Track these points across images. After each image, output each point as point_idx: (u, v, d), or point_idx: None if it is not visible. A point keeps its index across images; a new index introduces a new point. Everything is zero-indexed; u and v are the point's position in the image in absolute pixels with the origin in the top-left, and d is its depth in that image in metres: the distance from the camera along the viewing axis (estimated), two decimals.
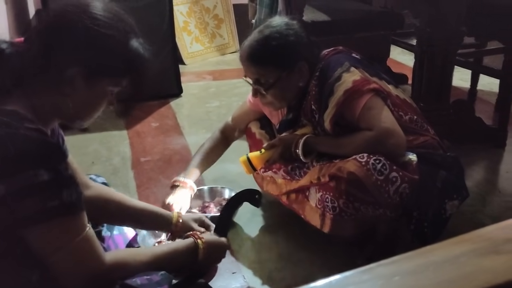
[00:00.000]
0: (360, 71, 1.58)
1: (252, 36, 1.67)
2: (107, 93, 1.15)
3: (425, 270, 0.46)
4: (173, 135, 2.69)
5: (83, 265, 1.07)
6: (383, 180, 1.41)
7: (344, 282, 0.45)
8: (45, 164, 1.00)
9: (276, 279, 1.59)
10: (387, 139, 1.48)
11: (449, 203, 1.56)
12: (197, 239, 1.35)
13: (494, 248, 0.49)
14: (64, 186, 1.03)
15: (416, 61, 2.46)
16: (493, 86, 3.00)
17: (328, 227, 1.52)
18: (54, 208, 1.01)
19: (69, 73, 1.07)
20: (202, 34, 4.17)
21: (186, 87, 3.33)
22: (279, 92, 1.66)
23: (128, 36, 1.13)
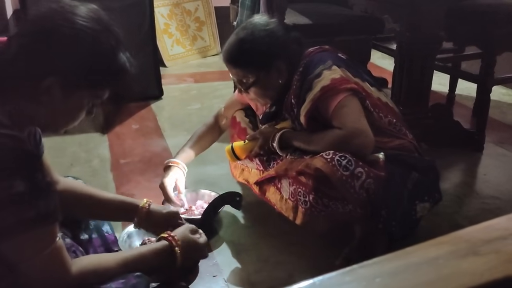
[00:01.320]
0: (342, 70, 1.61)
1: (230, 39, 1.72)
2: (85, 105, 1.11)
3: (405, 272, 0.46)
4: (153, 138, 2.67)
5: (50, 276, 1.05)
6: (349, 175, 1.43)
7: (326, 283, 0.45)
8: (21, 174, 0.98)
9: (256, 281, 1.59)
10: (354, 139, 1.50)
11: (420, 204, 1.58)
12: (172, 242, 1.32)
13: (473, 249, 0.50)
14: (40, 196, 1.00)
15: (396, 65, 2.48)
16: (471, 91, 3.05)
17: (300, 220, 1.56)
18: (30, 219, 0.99)
19: (46, 82, 1.03)
20: (183, 37, 4.15)
21: (167, 90, 3.31)
22: (259, 90, 1.72)
23: (113, 50, 1.09)
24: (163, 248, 1.31)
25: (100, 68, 1.08)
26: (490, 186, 2.19)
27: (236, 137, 1.94)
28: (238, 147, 1.77)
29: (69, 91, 1.06)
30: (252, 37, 1.66)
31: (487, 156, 2.47)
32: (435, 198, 1.64)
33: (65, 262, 1.08)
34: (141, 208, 1.48)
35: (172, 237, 1.34)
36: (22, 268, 1.02)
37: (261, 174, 1.75)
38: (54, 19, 1.05)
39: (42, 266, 1.04)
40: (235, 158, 1.78)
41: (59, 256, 1.06)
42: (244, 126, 1.95)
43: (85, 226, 1.45)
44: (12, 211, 0.97)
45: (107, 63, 1.09)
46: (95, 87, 1.10)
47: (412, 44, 2.27)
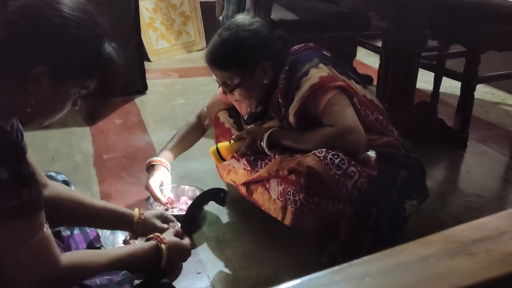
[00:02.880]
0: (328, 68, 1.60)
1: (212, 40, 1.69)
2: (72, 96, 1.10)
3: (395, 271, 0.46)
4: (137, 133, 2.64)
5: (38, 266, 1.04)
6: (341, 174, 1.42)
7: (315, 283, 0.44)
8: (4, 163, 0.96)
9: (241, 278, 1.58)
10: (347, 136, 1.49)
11: (408, 202, 1.59)
12: (160, 243, 1.32)
13: (463, 248, 0.49)
14: (23, 185, 0.99)
15: (381, 62, 2.49)
16: (455, 89, 3.08)
17: (290, 220, 1.53)
18: (13, 208, 0.97)
19: (34, 71, 1.02)
20: (168, 31, 4.11)
21: (152, 84, 3.28)
22: (244, 91, 1.68)
23: (99, 40, 1.08)
24: (150, 248, 1.30)
25: (87, 57, 1.07)
26: (473, 184, 2.21)
27: (221, 138, 1.92)
28: (224, 147, 1.73)
29: (57, 81, 1.05)
30: (235, 37, 1.63)
31: (470, 154, 2.49)
32: (422, 195, 1.65)
33: (53, 252, 1.06)
34: (136, 223, 1.47)
35: (160, 237, 1.34)
36: (9, 260, 1.01)
37: (249, 174, 1.72)
38: (41, 8, 1.03)
39: (29, 256, 1.02)
40: (220, 159, 1.74)
41: (47, 246, 1.05)
42: (228, 127, 1.92)
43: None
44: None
45: (95, 52, 1.07)
46: (83, 77, 1.09)
47: (397, 41, 2.28)
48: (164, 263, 1.31)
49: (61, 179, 1.45)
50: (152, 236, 1.35)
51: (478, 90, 2.60)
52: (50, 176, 1.42)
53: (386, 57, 2.38)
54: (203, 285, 1.54)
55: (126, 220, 1.47)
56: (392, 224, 1.55)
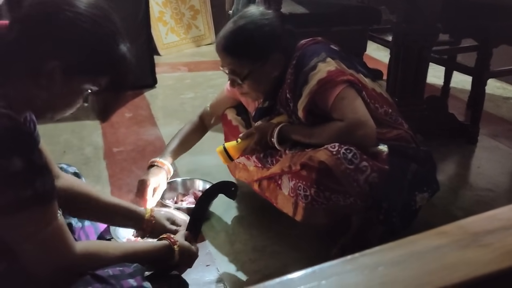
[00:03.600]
0: (336, 62, 1.58)
1: (227, 27, 1.66)
2: (84, 92, 1.10)
3: (408, 261, 0.46)
4: (147, 126, 2.65)
5: (53, 255, 1.04)
6: (353, 169, 1.42)
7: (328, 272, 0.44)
8: (18, 153, 0.97)
9: (250, 271, 1.58)
10: (357, 130, 1.49)
11: (419, 195, 1.58)
12: (173, 244, 1.32)
13: (475, 239, 0.49)
14: (37, 175, 1.00)
15: (392, 57, 2.47)
16: (466, 84, 3.06)
17: (301, 216, 1.53)
18: (27, 198, 0.98)
19: (47, 66, 1.02)
20: (178, 25, 4.12)
21: (161, 78, 3.29)
22: (254, 82, 1.67)
23: (113, 37, 1.08)
24: (163, 247, 1.30)
25: (100, 54, 1.07)
26: (484, 178, 2.20)
27: (229, 135, 1.90)
28: (231, 147, 1.70)
29: (69, 76, 1.05)
30: (253, 25, 1.61)
31: (481, 149, 2.48)
32: (433, 188, 1.64)
33: (68, 241, 1.06)
34: (146, 221, 1.47)
35: (173, 239, 1.34)
36: (24, 249, 1.02)
37: (261, 171, 1.71)
38: (56, 3, 1.04)
39: (43, 245, 1.02)
40: (228, 158, 1.71)
41: (61, 235, 1.05)
42: (235, 124, 1.90)
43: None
44: (9, 190, 0.96)
45: (107, 50, 1.07)
46: (94, 74, 1.09)
47: (408, 35, 2.26)
48: (175, 263, 1.32)
49: (72, 171, 1.46)
50: (165, 236, 1.34)
51: (489, 84, 2.58)
52: (61, 168, 1.43)
53: (396, 52, 2.37)
54: (212, 277, 1.55)
55: (137, 217, 1.47)
56: (403, 216, 1.55)
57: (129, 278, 1.16)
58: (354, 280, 0.44)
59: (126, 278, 1.15)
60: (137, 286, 1.15)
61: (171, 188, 1.90)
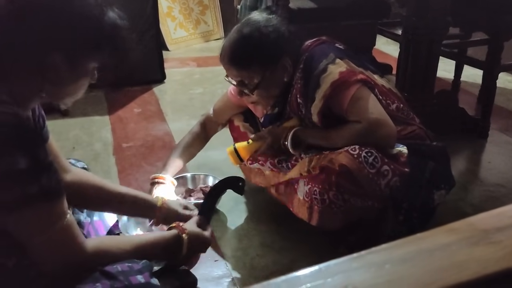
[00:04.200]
0: (345, 62, 1.55)
1: (231, 37, 1.61)
2: (89, 71, 1.11)
3: (416, 258, 0.45)
4: (155, 121, 2.65)
5: (62, 252, 1.04)
6: (375, 173, 1.41)
7: (334, 269, 0.43)
8: (22, 150, 0.97)
9: (258, 266, 1.58)
10: (377, 130, 1.46)
11: (437, 192, 1.57)
12: (182, 232, 1.31)
13: (485, 236, 0.48)
14: (42, 171, 1.00)
15: (401, 51, 2.45)
16: (477, 78, 3.02)
17: (316, 220, 1.51)
18: (33, 195, 0.98)
19: (50, 59, 1.02)
20: (187, 20, 4.11)
21: (170, 73, 3.29)
22: (265, 91, 1.62)
23: (100, 9, 1.08)
24: (171, 237, 1.30)
25: (96, 31, 1.07)
26: (495, 173, 2.18)
27: (239, 140, 1.84)
28: (242, 147, 1.67)
29: (73, 63, 1.06)
30: (258, 33, 1.56)
31: (492, 144, 2.45)
32: (450, 184, 1.63)
33: (78, 239, 1.06)
34: (159, 209, 1.47)
35: (182, 227, 1.33)
36: (33, 246, 1.02)
37: (278, 176, 1.67)
38: None
39: (53, 243, 1.03)
40: (238, 159, 1.69)
41: (71, 232, 1.05)
42: (244, 131, 1.86)
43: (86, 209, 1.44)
44: (15, 187, 0.97)
45: (100, 23, 1.07)
46: (95, 52, 1.09)
47: (418, 29, 2.24)
48: (184, 252, 1.31)
49: (80, 166, 1.46)
50: (174, 225, 1.34)
51: (500, 78, 2.55)
52: (69, 163, 1.44)
53: (406, 46, 2.34)
54: (220, 272, 1.55)
55: (150, 206, 1.46)
56: (423, 215, 1.54)
57: (137, 274, 1.16)
58: (360, 277, 0.43)
59: (135, 274, 1.15)
60: (145, 282, 1.15)
61: (179, 183, 1.90)
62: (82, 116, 2.63)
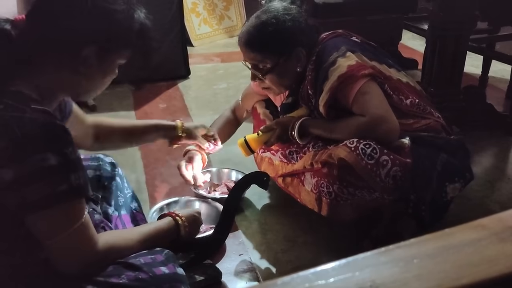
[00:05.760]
0: (357, 55, 1.56)
1: (250, 22, 1.66)
2: (116, 68, 1.15)
3: (444, 253, 0.45)
4: (180, 117, 2.67)
5: (78, 251, 1.06)
6: (374, 164, 1.40)
7: (362, 263, 0.44)
8: (53, 148, 0.98)
9: (282, 261, 1.59)
10: (379, 126, 1.47)
11: (450, 186, 1.55)
12: (175, 216, 1.34)
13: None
14: (71, 170, 1.01)
15: (428, 46, 2.42)
16: (505, 73, 2.97)
17: (326, 211, 1.53)
18: (62, 192, 0.99)
19: (84, 52, 1.05)
20: (211, 16, 4.13)
21: (194, 69, 3.31)
22: (277, 77, 1.66)
23: (133, 8, 1.12)
24: (169, 222, 1.33)
25: (125, 27, 1.10)
26: None
27: (256, 129, 1.88)
28: (252, 139, 1.71)
29: (103, 57, 1.09)
30: (276, 20, 1.60)
31: None
32: (465, 177, 1.60)
33: (93, 237, 1.08)
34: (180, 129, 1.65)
35: (174, 213, 1.37)
36: (51, 244, 1.03)
37: (286, 167, 1.71)
38: None
39: (70, 242, 1.04)
40: (249, 151, 1.71)
41: (87, 231, 1.06)
42: (263, 118, 1.89)
43: (114, 203, 1.47)
44: (45, 184, 0.98)
45: (130, 21, 1.11)
46: (124, 48, 1.13)
47: (445, 24, 2.21)
48: (183, 233, 1.33)
49: (108, 161, 1.49)
50: (166, 213, 1.39)
51: None
52: (99, 158, 1.46)
53: (432, 41, 2.32)
54: (244, 266, 1.56)
55: (170, 128, 1.64)
56: (434, 209, 1.52)
57: (161, 266, 1.17)
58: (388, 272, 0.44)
59: (159, 266, 1.17)
60: (169, 273, 1.17)
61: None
62: (109, 111, 2.67)
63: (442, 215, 1.57)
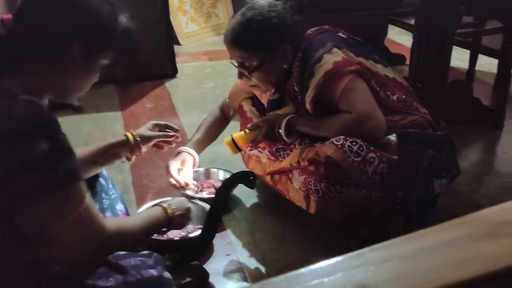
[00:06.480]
0: (343, 51, 1.55)
1: (235, 19, 1.65)
2: (100, 67, 1.16)
3: (418, 255, 0.44)
4: (168, 116, 2.66)
5: (89, 234, 1.06)
6: (360, 161, 1.40)
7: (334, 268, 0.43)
8: (44, 135, 0.99)
9: (270, 260, 1.58)
10: (365, 122, 1.46)
11: (437, 181, 1.55)
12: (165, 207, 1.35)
13: (491, 231, 0.47)
14: (64, 155, 1.02)
15: (414, 41, 2.42)
16: (492, 67, 2.97)
17: (314, 209, 1.53)
18: (56, 178, 1.00)
19: (70, 51, 1.07)
20: (198, 14, 4.11)
21: (181, 68, 3.29)
22: (263, 75, 1.65)
23: (116, 11, 1.14)
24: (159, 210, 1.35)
25: (110, 29, 1.13)
26: (510, 164, 2.14)
27: (243, 127, 1.87)
28: (239, 137, 1.69)
29: (89, 56, 1.11)
30: (261, 17, 1.59)
31: (507, 134, 2.41)
32: (452, 172, 1.60)
33: (100, 220, 1.08)
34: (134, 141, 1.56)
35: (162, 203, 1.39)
36: (58, 232, 1.02)
37: (273, 164, 1.71)
38: None
39: (78, 226, 1.03)
40: (236, 149, 1.70)
41: (93, 214, 1.07)
42: (250, 116, 1.89)
43: (99, 206, 1.45)
44: (37, 172, 0.98)
45: (115, 22, 1.14)
46: (108, 49, 1.15)
47: (431, 18, 2.21)
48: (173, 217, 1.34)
49: None
50: (155, 204, 1.42)
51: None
52: None
53: (419, 35, 2.32)
54: (232, 267, 1.55)
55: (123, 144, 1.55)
56: (421, 205, 1.52)
57: (150, 268, 1.19)
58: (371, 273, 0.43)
59: (147, 268, 1.19)
60: (157, 275, 1.19)
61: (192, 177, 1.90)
62: (95, 112, 2.65)
63: (430, 210, 1.57)
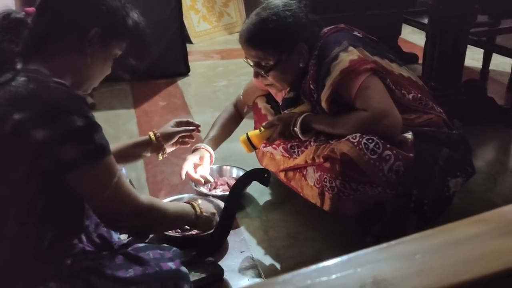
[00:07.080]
0: (359, 50, 1.55)
1: (250, 19, 1.66)
2: (113, 56, 1.23)
3: (446, 249, 0.44)
4: (180, 114, 2.67)
5: (127, 202, 1.13)
6: (376, 159, 1.40)
7: (363, 259, 0.43)
8: (78, 112, 1.06)
9: (284, 257, 1.59)
10: (382, 120, 1.46)
11: (452, 180, 1.55)
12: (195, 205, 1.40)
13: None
14: (95, 130, 1.08)
15: (428, 40, 2.41)
16: (506, 66, 2.96)
17: (328, 206, 1.53)
18: (92, 150, 1.06)
19: (90, 33, 1.14)
20: (210, 13, 4.12)
21: (194, 66, 3.31)
22: (280, 74, 1.66)
23: (128, 5, 1.23)
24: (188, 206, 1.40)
25: (124, 17, 1.21)
26: None
27: (258, 124, 1.89)
28: (254, 135, 1.70)
29: (106, 43, 1.18)
30: (276, 17, 1.60)
31: None
32: (467, 172, 1.60)
33: (133, 191, 1.15)
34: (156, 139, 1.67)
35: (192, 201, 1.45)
36: (99, 201, 1.10)
37: (287, 161, 1.71)
38: None
39: (116, 195, 1.11)
40: (251, 147, 1.71)
41: (127, 185, 1.14)
42: (264, 113, 1.90)
43: None
44: (75, 144, 1.04)
45: (128, 13, 1.22)
46: (122, 38, 1.22)
47: (445, 17, 2.20)
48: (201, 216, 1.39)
49: None
50: (187, 202, 1.45)
51: None
52: None
53: (432, 34, 2.31)
54: (246, 263, 1.56)
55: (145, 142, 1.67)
56: (436, 203, 1.52)
57: (168, 261, 1.25)
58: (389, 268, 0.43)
59: (166, 261, 1.24)
60: (175, 269, 1.24)
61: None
62: (108, 109, 2.67)
63: (445, 209, 1.57)
